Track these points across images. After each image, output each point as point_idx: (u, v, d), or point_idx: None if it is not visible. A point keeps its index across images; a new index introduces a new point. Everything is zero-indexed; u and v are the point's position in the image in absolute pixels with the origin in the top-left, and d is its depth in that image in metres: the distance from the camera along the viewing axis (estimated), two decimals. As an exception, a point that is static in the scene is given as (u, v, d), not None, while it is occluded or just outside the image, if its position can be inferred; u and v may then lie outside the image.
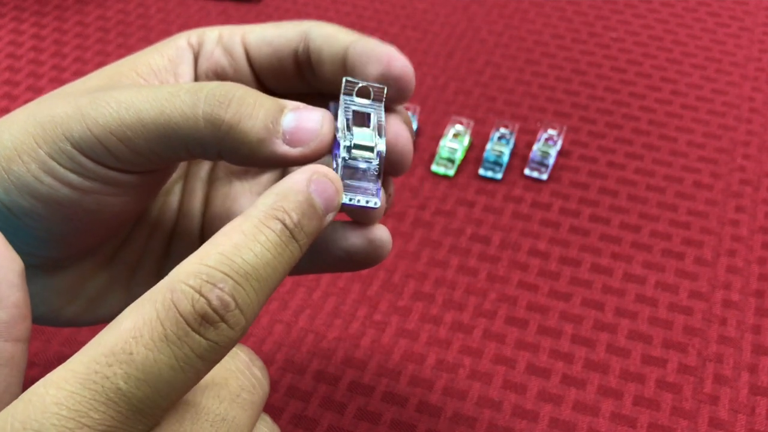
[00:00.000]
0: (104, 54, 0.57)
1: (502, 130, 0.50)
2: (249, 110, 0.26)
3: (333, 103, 0.29)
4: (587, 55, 0.57)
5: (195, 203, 0.32)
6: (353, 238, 0.29)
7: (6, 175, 0.27)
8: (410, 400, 0.38)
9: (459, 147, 0.49)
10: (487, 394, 0.39)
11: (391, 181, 0.30)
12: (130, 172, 0.27)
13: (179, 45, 0.31)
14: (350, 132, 0.27)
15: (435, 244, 0.45)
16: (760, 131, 0.52)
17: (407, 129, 0.29)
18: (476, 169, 0.49)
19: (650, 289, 0.43)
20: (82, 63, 0.56)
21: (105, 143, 0.26)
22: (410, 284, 0.43)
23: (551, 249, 0.45)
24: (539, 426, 0.37)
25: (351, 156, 0.27)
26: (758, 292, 0.43)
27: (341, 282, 0.43)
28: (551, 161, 0.49)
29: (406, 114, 0.29)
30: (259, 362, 0.26)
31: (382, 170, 0.28)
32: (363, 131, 0.27)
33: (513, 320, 0.42)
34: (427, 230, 0.46)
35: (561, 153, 0.50)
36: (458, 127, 0.50)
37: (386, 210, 0.30)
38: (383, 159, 0.28)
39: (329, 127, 0.27)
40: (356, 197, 0.27)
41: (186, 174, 0.33)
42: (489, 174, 0.48)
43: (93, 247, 0.30)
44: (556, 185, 0.48)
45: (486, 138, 0.51)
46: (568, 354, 0.40)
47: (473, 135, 0.51)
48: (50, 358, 0.39)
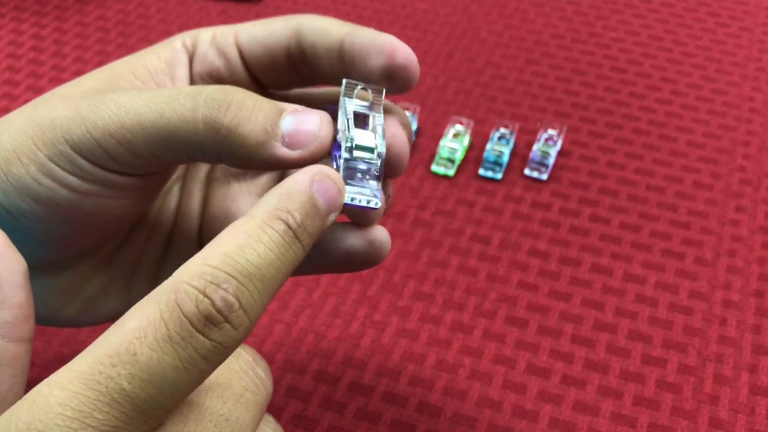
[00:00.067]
0: (104, 54, 0.57)
1: (502, 130, 0.50)
2: (248, 113, 0.26)
3: (330, 105, 0.29)
4: (587, 55, 0.57)
5: (193, 204, 0.32)
6: (352, 239, 0.29)
7: (5, 177, 0.27)
8: (410, 400, 0.38)
9: (459, 147, 0.49)
10: (487, 394, 0.39)
11: (390, 183, 0.30)
12: (130, 175, 0.27)
13: (175, 47, 0.31)
14: (351, 133, 0.27)
15: (435, 244, 0.45)
16: (760, 131, 0.52)
17: (404, 131, 0.29)
18: (476, 169, 0.49)
19: (650, 289, 0.43)
20: (82, 63, 0.56)
21: (104, 146, 0.26)
22: (410, 284, 0.43)
23: (551, 249, 0.45)
24: (539, 426, 0.37)
25: (352, 157, 0.27)
26: (758, 292, 0.43)
27: (341, 282, 0.43)
28: (551, 161, 0.49)
29: (405, 116, 0.29)
30: (263, 362, 0.26)
31: (383, 171, 0.28)
32: (363, 132, 0.28)
33: (513, 320, 0.42)
34: (427, 230, 0.46)
35: (561, 153, 0.50)
36: (458, 127, 0.50)
37: (385, 211, 0.30)
38: (383, 160, 0.28)
39: (327, 129, 0.27)
40: (357, 197, 0.27)
41: (184, 175, 0.33)
42: (489, 174, 0.49)
43: (92, 249, 0.30)
44: (556, 185, 0.48)
45: (486, 138, 0.51)
46: (568, 354, 0.40)
47: (473, 135, 0.51)
48: (50, 358, 0.39)
